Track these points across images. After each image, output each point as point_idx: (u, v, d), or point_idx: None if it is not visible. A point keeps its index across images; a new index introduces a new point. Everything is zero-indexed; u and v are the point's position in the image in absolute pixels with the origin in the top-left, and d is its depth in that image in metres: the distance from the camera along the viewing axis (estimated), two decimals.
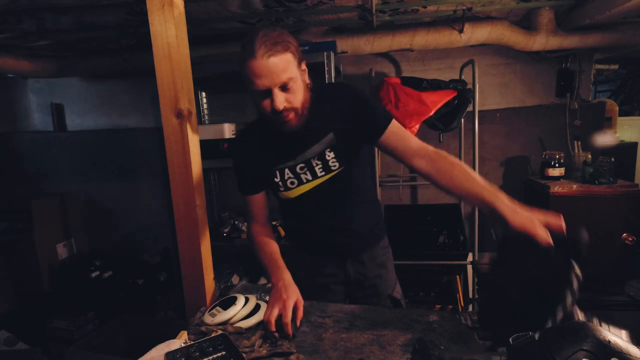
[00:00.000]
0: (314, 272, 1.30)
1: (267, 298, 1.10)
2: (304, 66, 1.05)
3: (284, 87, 0.99)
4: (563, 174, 2.31)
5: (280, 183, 1.18)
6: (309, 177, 1.16)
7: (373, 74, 2.57)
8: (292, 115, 1.03)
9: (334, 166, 1.15)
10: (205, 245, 1.19)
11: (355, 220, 1.24)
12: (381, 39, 2.30)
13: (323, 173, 1.16)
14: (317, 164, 1.15)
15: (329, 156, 1.14)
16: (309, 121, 1.09)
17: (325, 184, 1.17)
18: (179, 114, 1.09)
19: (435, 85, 2.14)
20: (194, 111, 1.15)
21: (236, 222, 2.59)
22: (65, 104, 3.16)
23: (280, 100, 0.99)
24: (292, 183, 1.17)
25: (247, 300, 1.07)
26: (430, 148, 1.07)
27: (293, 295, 1.02)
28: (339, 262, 1.29)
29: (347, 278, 1.30)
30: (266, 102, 1.00)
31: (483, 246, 2.45)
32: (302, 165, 1.15)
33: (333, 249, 1.27)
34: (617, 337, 0.63)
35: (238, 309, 1.03)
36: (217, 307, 1.06)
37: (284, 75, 0.97)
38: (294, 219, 1.31)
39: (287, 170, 1.16)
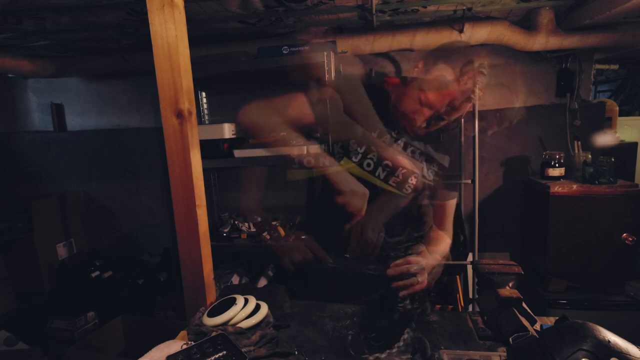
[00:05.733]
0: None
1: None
2: None
3: None
4: (563, 174, 2.31)
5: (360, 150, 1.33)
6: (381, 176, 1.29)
7: (373, 74, 2.57)
8: None
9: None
10: (205, 245, 1.19)
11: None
12: (381, 39, 2.30)
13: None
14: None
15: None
16: None
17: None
18: (179, 114, 1.09)
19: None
20: (194, 111, 1.15)
21: (236, 222, 2.58)
22: (65, 104, 3.16)
23: None
24: (368, 165, 1.30)
25: (246, 301, 1.07)
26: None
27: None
28: None
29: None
30: None
31: (483, 246, 2.45)
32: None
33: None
34: (617, 337, 0.63)
35: (238, 310, 1.03)
36: (217, 308, 1.06)
37: None
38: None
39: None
